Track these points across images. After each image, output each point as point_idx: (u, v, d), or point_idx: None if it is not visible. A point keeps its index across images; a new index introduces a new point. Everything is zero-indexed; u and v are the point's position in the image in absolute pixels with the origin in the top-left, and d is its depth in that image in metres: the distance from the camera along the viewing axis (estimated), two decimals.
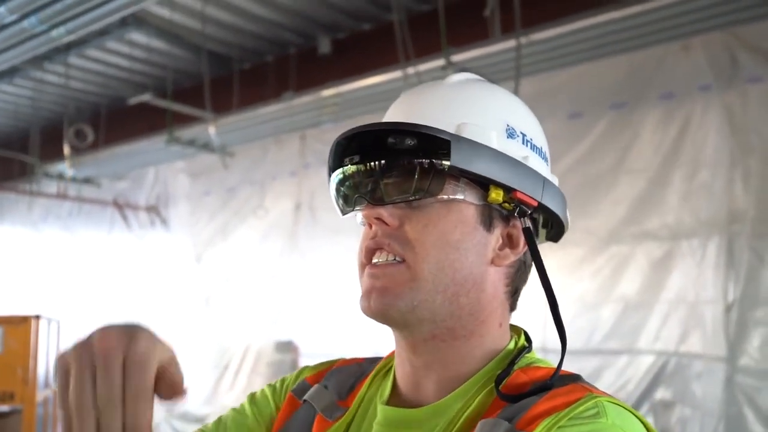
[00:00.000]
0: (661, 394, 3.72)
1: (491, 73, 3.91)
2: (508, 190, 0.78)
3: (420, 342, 0.78)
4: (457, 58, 3.67)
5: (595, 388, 0.74)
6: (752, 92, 3.57)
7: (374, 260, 0.78)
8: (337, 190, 0.82)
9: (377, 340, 4.53)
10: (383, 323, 0.78)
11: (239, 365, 5.64)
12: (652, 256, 3.81)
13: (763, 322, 3.44)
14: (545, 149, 0.87)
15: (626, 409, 0.70)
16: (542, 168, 0.84)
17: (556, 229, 0.90)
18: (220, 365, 5.75)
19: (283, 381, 0.95)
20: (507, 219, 0.80)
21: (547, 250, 0.87)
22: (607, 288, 3.91)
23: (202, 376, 5.82)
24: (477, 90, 0.84)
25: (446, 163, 0.74)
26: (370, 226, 0.78)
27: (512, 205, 0.79)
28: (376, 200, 0.77)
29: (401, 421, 0.79)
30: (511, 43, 3.51)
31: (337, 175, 0.81)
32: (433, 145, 0.75)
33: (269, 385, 0.95)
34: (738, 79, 3.61)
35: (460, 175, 0.76)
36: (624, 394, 3.76)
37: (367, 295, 0.77)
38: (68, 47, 4.96)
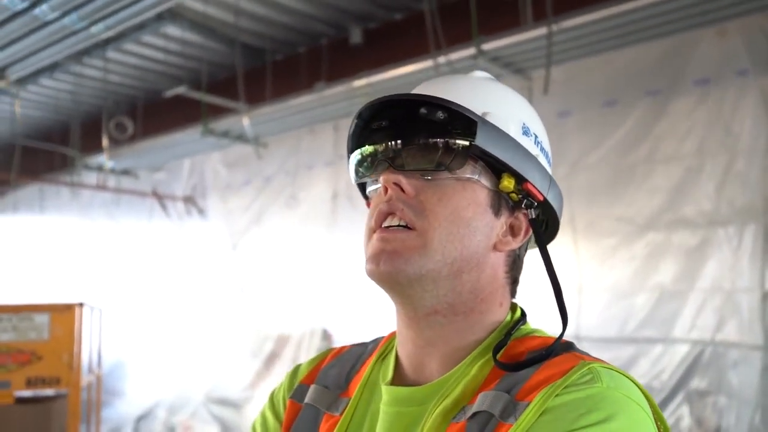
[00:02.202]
0: (696, 383, 3.69)
1: (523, 61, 3.90)
2: (519, 180, 0.82)
3: (422, 317, 0.81)
4: (488, 46, 3.67)
5: (587, 355, 0.77)
6: None
7: (384, 224, 0.80)
8: (361, 155, 0.85)
9: None
10: (388, 288, 0.80)
11: (278, 352, 5.73)
12: (687, 244, 3.77)
13: None
14: (550, 155, 0.92)
15: (619, 372, 0.73)
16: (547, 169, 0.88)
17: (548, 231, 0.92)
18: (259, 353, 5.85)
19: (279, 390, 0.97)
20: (512, 209, 0.84)
21: (581, 238, 0.90)
22: (642, 276, 3.88)
23: (241, 363, 5.93)
24: (498, 87, 0.89)
25: (470, 143, 0.78)
26: (386, 191, 0.80)
27: (519, 196, 0.83)
28: (397, 166, 0.80)
29: (406, 399, 0.81)
30: (542, 31, 3.49)
31: (362, 147, 0.84)
32: (461, 124, 0.79)
33: (269, 403, 0.97)
34: None
35: (479, 157, 0.80)
36: (659, 383, 3.75)
37: (376, 257, 0.78)
38: (106, 42, 5.07)
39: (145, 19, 4.50)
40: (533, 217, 0.85)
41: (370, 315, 4.98)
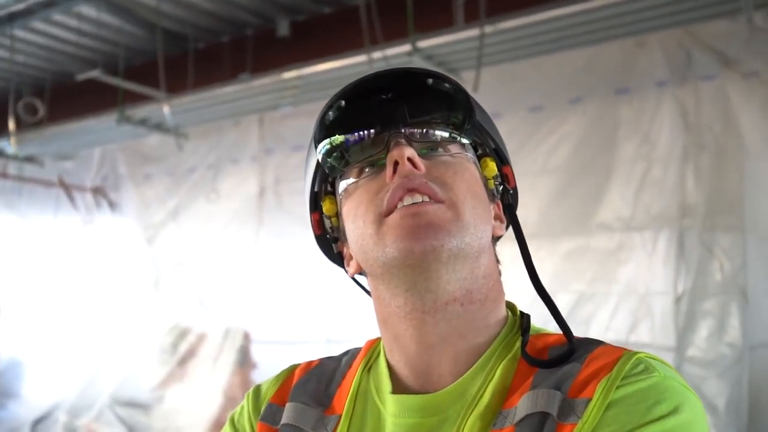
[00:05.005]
0: None
1: (457, 61, 3.92)
2: (498, 165, 0.81)
3: (440, 306, 0.73)
4: (423, 44, 3.65)
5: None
6: (705, 90, 3.66)
7: (401, 204, 0.71)
8: (360, 135, 0.77)
9: (333, 328, 4.49)
10: (422, 270, 0.70)
11: (194, 351, 5.51)
12: (605, 248, 3.88)
13: (710, 313, 3.55)
14: None
15: (662, 361, 0.71)
16: None
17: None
18: (173, 352, 5.60)
19: (242, 413, 0.87)
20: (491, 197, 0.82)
21: (504, 240, 0.88)
22: (563, 278, 3.96)
23: (151, 362, 5.67)
24: None
25: (475, 118, 0.77)
26: (394, 170, 0.72)
27: (496, 183, 0.81)
28: (407, 139, 0.74)
29: (421, 408, 0.73)
30: (476, 32, 3.50)
31: (359, 126, 0.77)
32: (462, 100, 0.78)
33: (230, 429, 0.87)
34: (692, 77, 3.70)
35: (472, 138, 0.79)
36: None
37: (413, 233, 0.69)
38: (11, 18, 4.73)
39: None
40: (510, 202, 0.83)
41: (292, 316, 4.89)
